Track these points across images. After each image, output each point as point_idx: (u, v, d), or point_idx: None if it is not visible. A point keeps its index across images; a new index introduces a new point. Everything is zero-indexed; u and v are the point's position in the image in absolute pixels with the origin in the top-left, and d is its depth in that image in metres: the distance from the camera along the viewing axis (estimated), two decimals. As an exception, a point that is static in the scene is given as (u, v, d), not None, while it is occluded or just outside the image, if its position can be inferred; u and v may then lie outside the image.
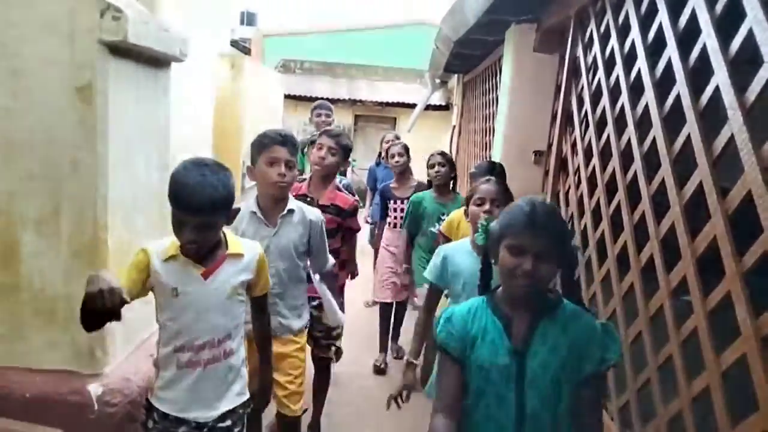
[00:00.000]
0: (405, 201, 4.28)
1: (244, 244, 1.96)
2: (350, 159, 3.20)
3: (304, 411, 2.76)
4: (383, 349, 4.44)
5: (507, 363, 1.52)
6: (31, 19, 2.21)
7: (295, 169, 2.39)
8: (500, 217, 1.61)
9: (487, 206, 2.37)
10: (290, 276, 2.48)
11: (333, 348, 3.13)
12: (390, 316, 4.49)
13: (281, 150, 2.32)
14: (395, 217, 4.40)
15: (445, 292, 2.50)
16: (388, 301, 4.42)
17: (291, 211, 2.44)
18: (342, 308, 2.81)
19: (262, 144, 2.36)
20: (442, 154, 3.96)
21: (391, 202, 4.43)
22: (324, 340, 3.03)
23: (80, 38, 2.21)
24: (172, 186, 1.71)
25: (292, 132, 2.54)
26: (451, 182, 3.98)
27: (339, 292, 3.12)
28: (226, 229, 1.93)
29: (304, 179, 3.10)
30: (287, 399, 2.51)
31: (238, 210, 1.89)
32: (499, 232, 1.56)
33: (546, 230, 1.48)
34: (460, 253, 2.40)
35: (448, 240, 3.29)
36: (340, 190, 3.11)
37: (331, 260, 2.71)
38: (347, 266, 3.30)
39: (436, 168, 3.84)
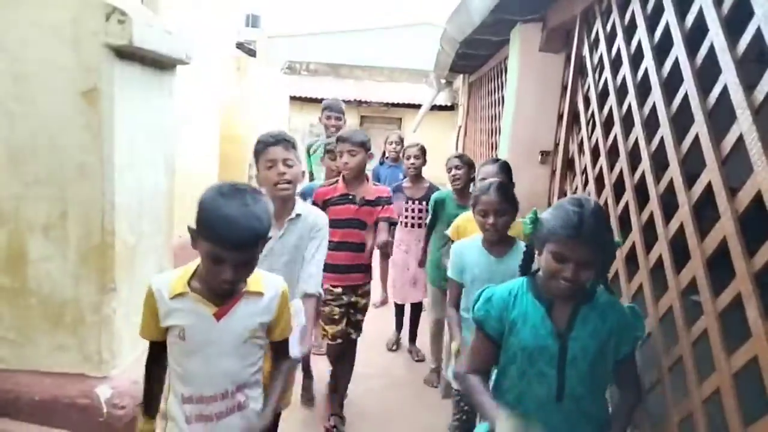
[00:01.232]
0: (417, 201, 4.33)
1: (264, 281, 1.70)
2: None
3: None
4: (397, 329, 4.71)
5: (550, 344, 1.65)
6: (36, 23, 2.21)
7: (296, 165, 2.36)
8: (548, 216, 1.64)
9: (491, 218, 2.43)
10: (289, 279, 2.42)
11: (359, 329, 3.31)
12: (402, 314, 4.67)
13: (275, 150, 2.29)
14: (407, 217, 4.41)
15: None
16: (402, 303, 4.60)
17: (298, 215, 2.41)
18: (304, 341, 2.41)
19: (258, 149, 2.35)
20: (459, 156, 3.90)
21: (403, 201, 4.40)
22: (361, 323, 3.30)
23: (85, 42, 2.21)
24: (208, 217, 1.48)
25: (287, 132, 2.51)
26: (471, 184, 3.84)
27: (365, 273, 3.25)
28: None
29: (335, 181, 3.20)
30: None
31: (269, 238, 1.63)
32: (545, 234, 1.62)
33: (590, 242, 1.54)
34: (471, 249, 2.54)
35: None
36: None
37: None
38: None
39: (453, 171, 3.78)
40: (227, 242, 1.46)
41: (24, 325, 2.37)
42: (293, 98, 9.47)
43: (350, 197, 3.08)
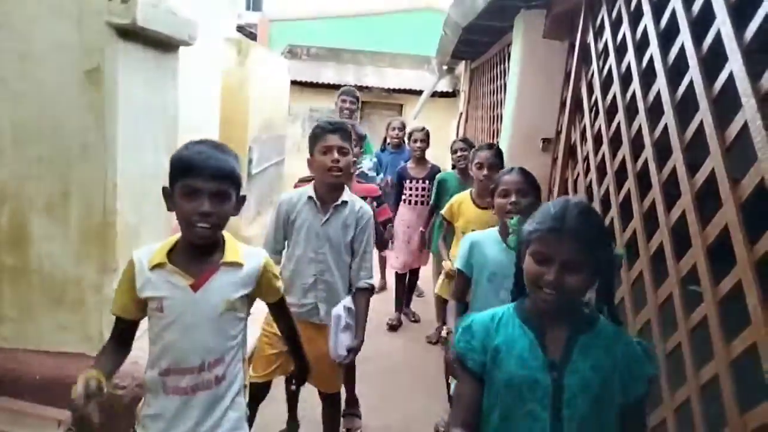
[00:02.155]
0: (420, 180, 4.70)
1: (245, 252, 1.70)
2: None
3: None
4: (398, 309, 4.97)
5: (540, 378, 1.36)
6: (40, 2, 2.20)
7: (350, 155, 2.44)
8: (529, 219, 1.43)
9: (513, 197, 2.30)
10: (338, 265, 2.47)
11: None
12: (404, 281, 4.97)
13: (333, 137, 2.38)
14: (410, 195, 4.74)
15: None
16: (402, 271, 4.86)
17: (345, 203, 2.46)
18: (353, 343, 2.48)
19: (315, 135, 2.43)
20: (464, 140, 4.38)
21: (407, 181, 4.74)
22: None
23: (89, 21, 2.20)
24: (180, 158, 1.55)
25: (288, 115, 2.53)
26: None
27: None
28: (227, 234, 1.71)
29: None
30: (326, 378, 2.56)
31: (245, 197, 1.68)
32: (526, 235, 1.40)
33: (575, 237, 1.30)
34: (488, 242, 2.35)
35: (449, 223, 3.51)
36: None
37: (375, 278, 2.68)
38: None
39: (459, 153, 4.21)
40: (201, 169, 1.51)
41: (26, 304, 2.38)
42: (293, 83, 9.41)
43: None
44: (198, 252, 1.62)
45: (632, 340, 1.44)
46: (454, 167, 4.39)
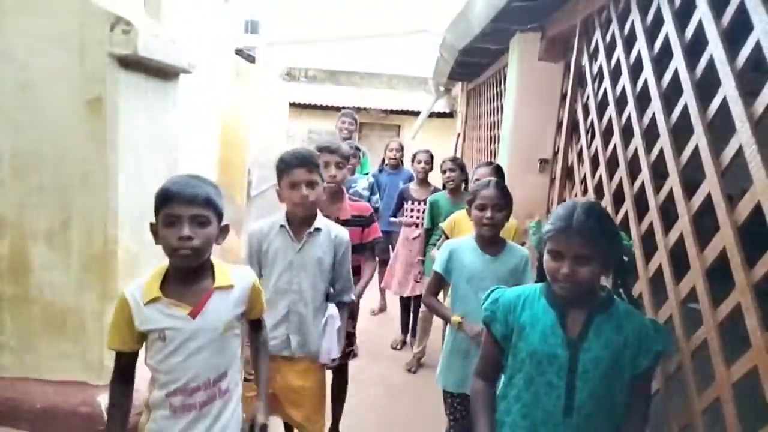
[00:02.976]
0: (422, 202, 4.62)
1: (233, 274, 1.79)
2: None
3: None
4: (403, 331, 4.92)
5: (560, 353, 1.58)
6: (42, 32, 2.23)
7: (319, 186, 2.37)
8: (546, 221, 1.65)
9: (488, 212, 2.50)
10: (312, 295, 2.42)
11: (352, 354, 3.16)
12: (408, 306, 4.88)
13: (299, 172, 2.31)
14: (412, 216, 4.71)
15: None
16: (405, 295, 4.75)
17: (318, 230, 2.41)
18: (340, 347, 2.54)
19: (280, 169, 2.36)
20: (453, 159, 4.24)
21: (409, 202, 4.73)
22: (347, 347, 2.97)
23: (91, 51, 2.23)
24: (160, 191, 1.63)
25: (287, 138, 2.53)
26: (463, 184, 4.26)
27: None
28: (215, 259, 1.78)
29: None
30: (304, 422, 2.47)
31: (227, 227, 1.75)
32: (544, 236, 1.62)
33: (582, 234, 1.51)
34: (465, 249, 2.58)
35: (447, 237, 3.50)
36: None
37: (354, 292, 2.66)
38: (369, 275, 3.16)
39: (448, 174, 4.15)
40: (178, 196, 1.59)
41: (26, 333, 2.37)
42: (292, 105, 9.48)
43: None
44: (189, 279, 1.69)
45: (644, 319, 1.65)
46: (444, 187, 4.37)
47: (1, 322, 2.37)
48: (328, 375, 3.17)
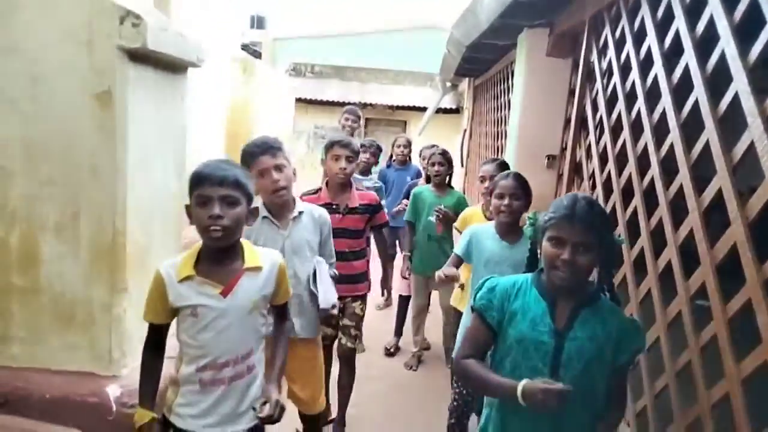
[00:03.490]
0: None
1: (262, 256, 1.90)
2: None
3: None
4: (397, 334, 4.76)
5: (546, 340, 1.64)
6: (51, 25, 2.23)
7: (287, 168, 2.41)
8: (545, 212, 1.70)
9: (506, 200, 2.65)
10: (304, 275, 2.53)
11: (358, 339, 3.23)
12: (406, 306, 4.72)
13: (265, 159, 2.35)
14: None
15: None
16: (405, 294, 4.69)
17: (301, 213, 2.52)
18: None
19: (245, 160, 2.38)
20: (443, 153, 4.14)
21: None
22: (354, 330, 3.13)
23: (100, 45, 2.23)
24: (193, 174, 1.74)
25: (293, 133, 2.59)
26: (448, 177, 4.19)
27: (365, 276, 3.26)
28: (245, 242, 1.88)
29: (318, 189, 3.11)
30: (308, 400, 2.64)
31: (257, 209, 1.87)
32: (543, 224, 1.67)
33: (584, 222, 1.57)
34: (486, 235, 2.76)
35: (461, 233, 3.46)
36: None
37: (333, 259, 2.77)
38: (382, 255, 3.53)
39: (437, 167, 4.05)
40: (208, 178, 1.69)
41: (35, 324, 2.38)
42: (298, 100, 9.49)
43: (334, 206, 3.00)
44: (221, 259, 1.79)
45: (626, 317, 1.74)
46: (428, 180, 4.27)
47: (10, 313, 2.38)
48: (334, 368, 3.23)
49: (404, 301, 4.76)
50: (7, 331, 2.39)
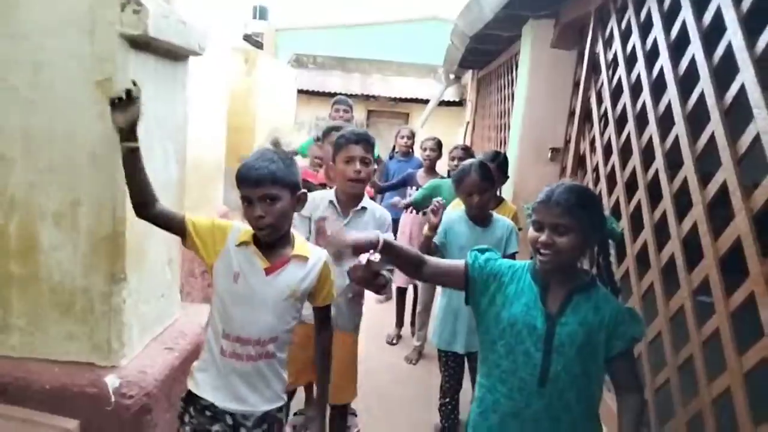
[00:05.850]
0: None
1: (310, 248, 1.92)
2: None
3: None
4: (398, 325, 4.83)
5: (538, 325, 1.66)
6: (52, 12, 2.21)
7: (371, 165, 2.51)
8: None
9: (475, 198, 2.76)
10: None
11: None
12: (404, 299, 4.80)
13: (356, 148, 2.45)
14: None
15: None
16: (403, 285, 4.71)
17: (364, 209, 2.54)
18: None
19: (339, 144, 2.49)
20: (465, 149, 4.21)
21: (413, 188, 4.58)
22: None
23: (101, 32, 2.21)
24: (237, 172, 1.77)
25: (294, 124, 2.60)
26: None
27: None
28: (296, 233, 1.93)
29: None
30: (342, 388, 2.60)
31: (305, 194, 1.88)
32: (529, 213, 1.71)
33: (560, 205, 1.58)
34: (458, 221, 2.86)
35: None
36: None
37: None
38: None
39: (457, 162, 4.03)
40: (246, 179, 1.73)
41: (34, 314, 2.37)
42: (300, 91, 9.45)
43: (330, 187, 2.86)
44: (272, 244, 1.83)
45: (621, 306, 1.72)
46: (449, 174, 4.23)
47: (9, 302, 2.37)
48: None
49: (401, 292, 4.79)
50: (6, 321, 2.38)
